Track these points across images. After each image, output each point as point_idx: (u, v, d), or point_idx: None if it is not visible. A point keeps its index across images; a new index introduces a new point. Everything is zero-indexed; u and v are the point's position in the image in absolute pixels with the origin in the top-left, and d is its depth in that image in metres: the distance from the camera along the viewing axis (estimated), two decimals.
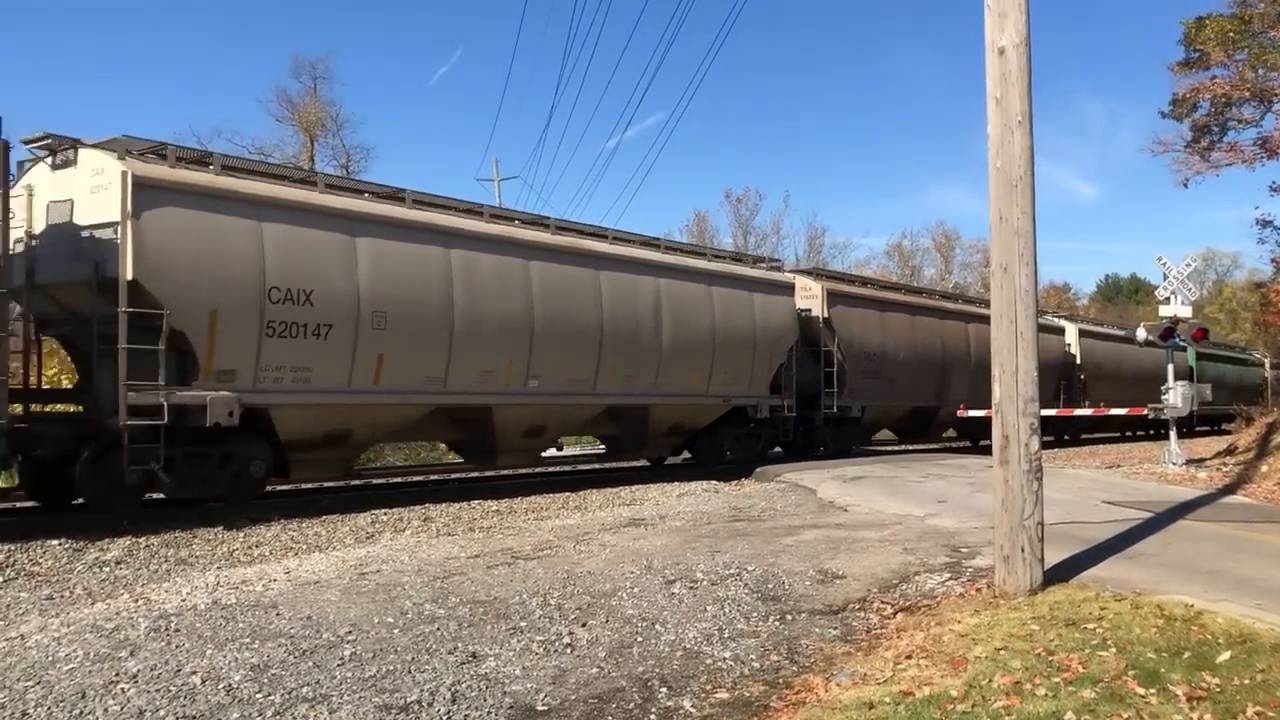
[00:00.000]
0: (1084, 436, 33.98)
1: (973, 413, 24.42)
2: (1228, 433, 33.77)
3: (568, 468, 21.77)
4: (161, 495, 12.69)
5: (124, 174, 11.17)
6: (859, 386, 22.98)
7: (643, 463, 20.78)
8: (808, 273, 24.60)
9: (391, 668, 5.57)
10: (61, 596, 8.07)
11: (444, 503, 13.58)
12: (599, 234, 17.71)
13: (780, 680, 5.48)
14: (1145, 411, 21.27)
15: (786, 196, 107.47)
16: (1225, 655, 5.22)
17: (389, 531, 11.48)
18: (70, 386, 15.28)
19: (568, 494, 14.99)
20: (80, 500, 12.08)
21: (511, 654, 5.87)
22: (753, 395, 20.06)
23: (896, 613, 6.88)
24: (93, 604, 7.62)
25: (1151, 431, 36.75)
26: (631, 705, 5.08)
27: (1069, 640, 5.57)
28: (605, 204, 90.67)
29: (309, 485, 16.10)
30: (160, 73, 75.62)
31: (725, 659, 5.83)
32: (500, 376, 15.09)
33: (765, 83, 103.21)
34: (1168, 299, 19.66)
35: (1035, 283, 6.97)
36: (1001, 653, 5.41)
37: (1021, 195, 6.89)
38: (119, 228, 11.14)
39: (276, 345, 12.33)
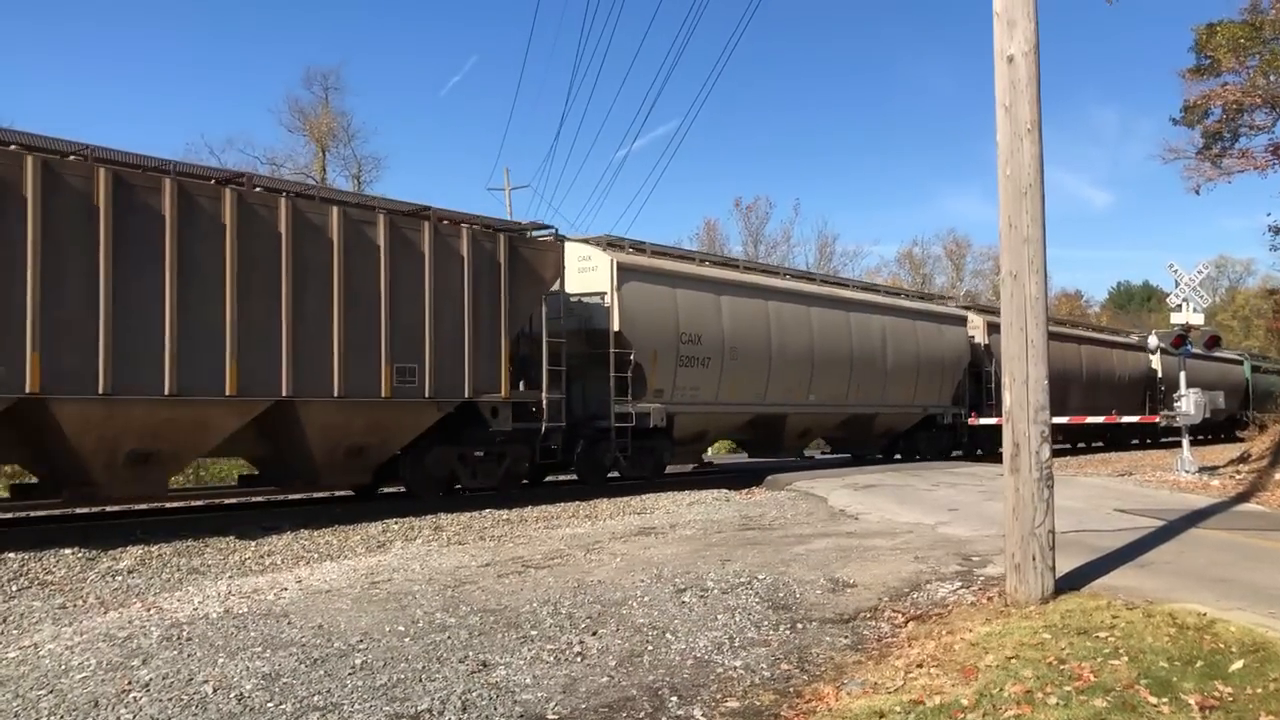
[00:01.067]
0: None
1: (983, 420, 24.39)
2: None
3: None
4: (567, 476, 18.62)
5: (612, 261, 17.42)
6: None
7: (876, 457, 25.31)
8: (971, 308, 29.18)
9: (402, 676, 5.58)
10: (74, 605, 8.10)
11: (455, 511, 13.60)
12: (845, 283, 25.82)
13: (791, 689, 5.47)
14: (1157, 419, 21.22)
15: (797, 204, 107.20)
16: (1238, 664, 5.20)
17: (400, 540, 11.50)
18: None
19: (578, 503, 15.00)
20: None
21: (522, 663, 5.87)
22: (940, 405, 25.73)
23: (907, 621, 6.87)
24: (105, 613, 7.65)
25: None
26: (642, 714, 5.07)
27: (1081, 649, 5.55)
28: (615, 212, 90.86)
29: (321, 495, 16.14)
30: (173, 81, 76.05)
31: (736, 668, 5.83)
32: (794, 393, 21.00)
33: (775, 90, 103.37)
34: (1180, 306, 19.61)
35: (1045, 290, 6.97)
36: (1013, 661, 5.40)
37: (1031, 202, 6.89)
38: (606, 296, 17.25)
39: (683, 372, 18.42)
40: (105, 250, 10.91)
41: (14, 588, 8.72)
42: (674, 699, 5.29)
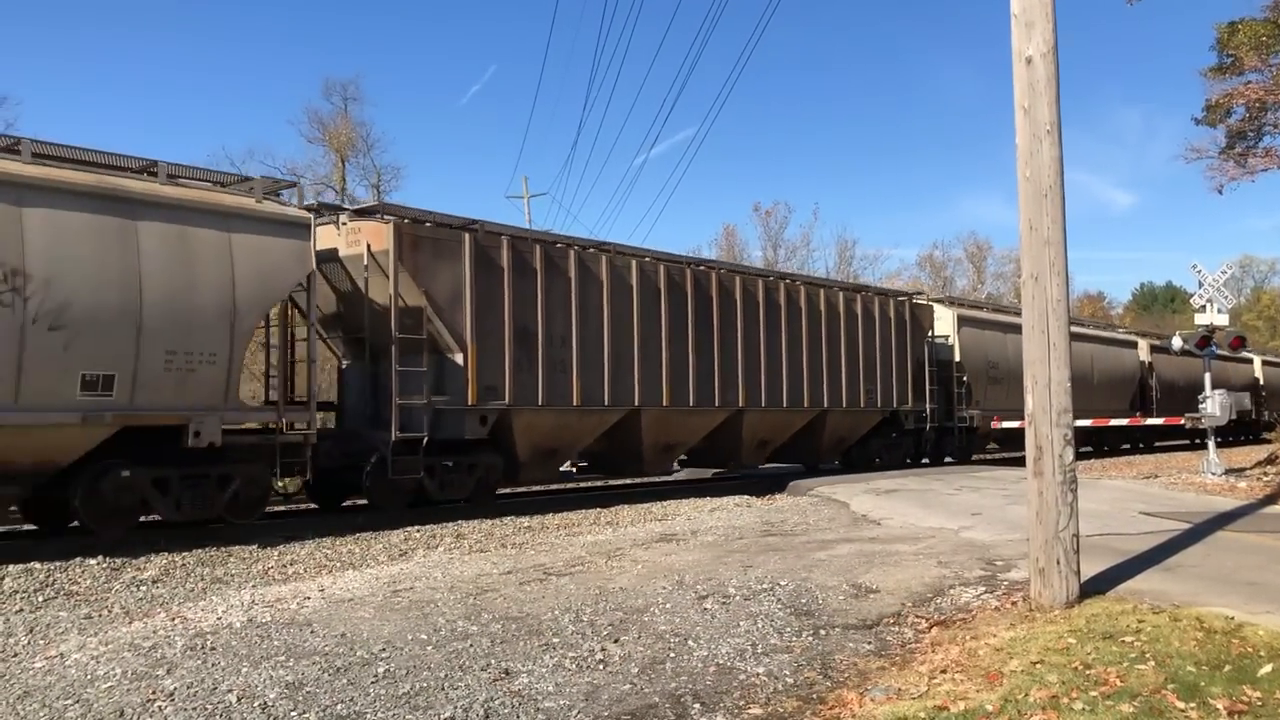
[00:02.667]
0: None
1: (1006, 424, 24.24)
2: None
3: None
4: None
5: (956, 315, 25.18)
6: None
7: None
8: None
9: (425, 685, 5.58)
10: (100, 615, 8.15)
11: (476, 519, 13.62)
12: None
13: (814, 696, 5.44)
14: (1182, 421, 21.04)
15: (816, 209, 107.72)
16: (1267, 668, 5.14)
17: (422, 548, 11.52)
18: None
19: (599, 509, 15.00)
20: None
21: (544, 670, 5.87)
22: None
23: (931, 627, 6.83)
24: (130, 623, 7.69)
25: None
26: None
27: (1106, 654, 5.51)
28: (634, 219, 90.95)
29: (344, 504, 16.22)
30: (194, 92, 76.65)
31: (759, 674, 5.81)
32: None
33: (794, 95, 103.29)
34: (1203, 307, 19.46)
35: (1067, 292, 6.92)
36: (1038, 666, 5.36)
37: (1051, 204, 6.85)
38: (951, 338, 24.67)
39: (991, 390, 25.47)
40: (541, 299, 15.08)
41: (40, 598, 8.78)
42: (697, 706, 5.27)
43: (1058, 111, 6.93)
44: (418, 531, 12.52)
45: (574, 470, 19.02)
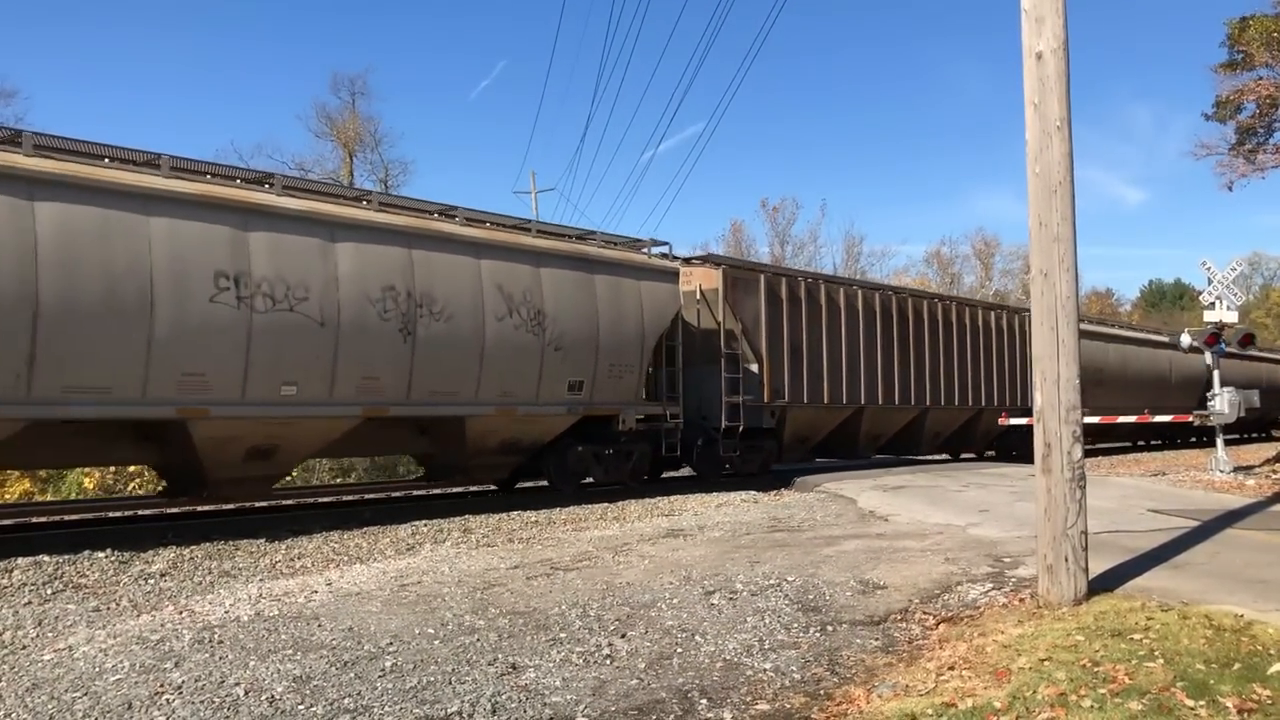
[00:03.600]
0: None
1: (1014, 420, 24.18)
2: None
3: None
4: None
5: None
6: None
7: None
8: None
9: (432, 679, 5.59)
10: (108, 608, 8.16)
11: (483, 514, 13.63)
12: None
13: (821, 692, 5.44)
14: (1191, 419, 20.98)
15: (824, 205, 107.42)
16: (1277, 666, 5.12)
17: (429, 543, 11.53)
18: None
19: (605, 504, 14.99)
20: None
21: (551, 665, 5.87)
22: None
23: (939, 623, 6.82)
24: (138, 616, 7.70)
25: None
26: (671, 717, 5.06)
27: (1115, 651, 5.49)
28: (642, 214, 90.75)
29: (350, 498, 16.26)
30: (202, 86, 76.70)
31: (766, 670, 5.80)
32: None
33: (802, 90, 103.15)
34: (1212, 304, 19.39)
35: (1076, 289, 6.90)
36: (1046, 664, 5.34)
37: (1061, 200, 6.82)
38: None
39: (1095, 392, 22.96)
40: (805, 322, 19.79)
41: (49, 591, 8.80)
42: (704, 701, 5.27)
43: (1068, 107, 6.90)
44: (425, 525, 12.53)
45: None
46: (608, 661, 5.95)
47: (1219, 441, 19.03)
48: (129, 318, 10.71)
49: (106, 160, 11.18)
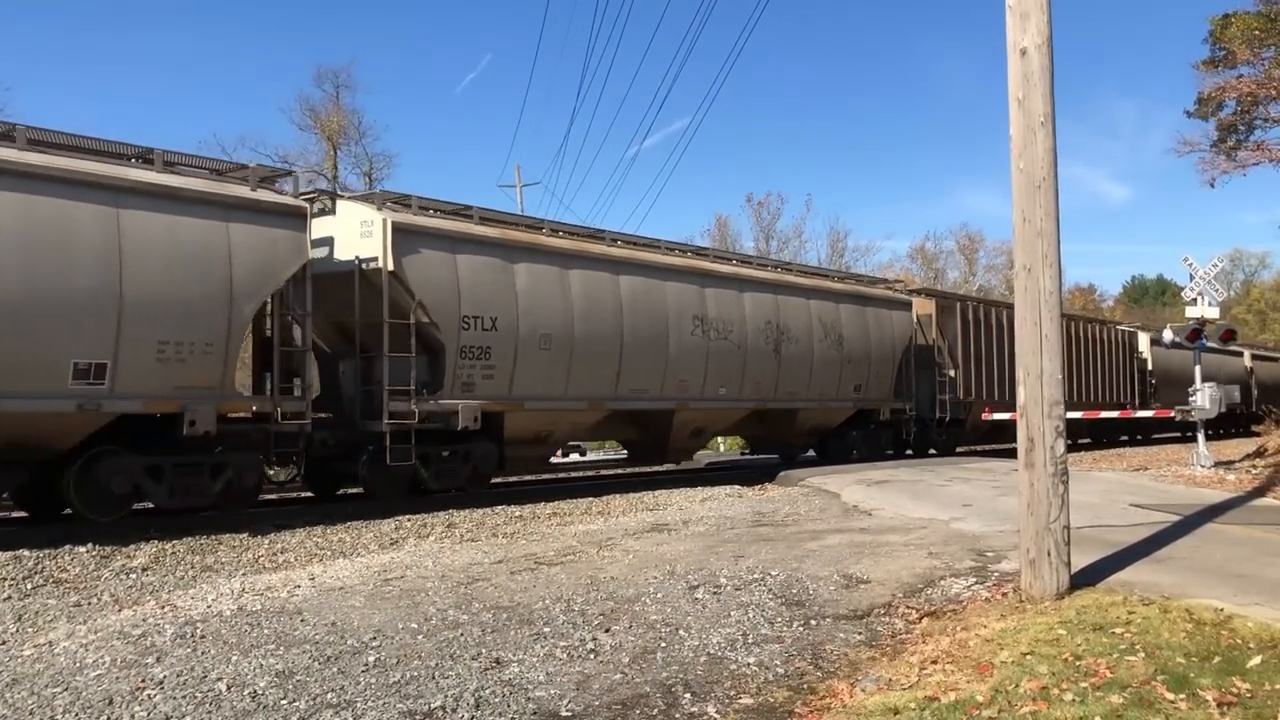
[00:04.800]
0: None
1: (998, 415, 24.30)
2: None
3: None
4: None
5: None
6: None
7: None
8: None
9: (415, 674, 5.57)
10: (89, 603, 8.13)
11: (468, 508, 13.61)
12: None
13: (805, 686, 5.44)
14: (1173, 414, 21.11)
15: (809, 200, 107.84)
16: (1256, 660, 5.16)
17: (413, 537, 11.50)
18: None
19: (590, 499, 14.99)
20: None
21: (535, 660, 5.86)
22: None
23: (922, 617, 6.83)
24: (120, 611, 7.67)
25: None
26: (655, 711, 5.06)
27: (1096, 645, 5.52)
28: (627, 209, 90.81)
29: (345, 491, 16.22)
30: (184, 79, 76.25)
31: (749, 664, 5.81)
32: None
33: (788, 85, 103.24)
34: (1194, 300, 19.49)
35: (1060, 284, 6.93)
36: (1028, 658, 5.37)
37: (1045, 196, 6.84)
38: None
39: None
40: (983, 337, 25.81)
41: (29, 585, 8.75)
42: (687, 696, 5.27)
43: (1052, 104, 6.92)
44: (409, 520, 12.50)
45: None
46: (592, 656, 5.95)
47: (1200, 437, 19.14)
48: (658, 346, 17.39)
49: (609, 241, 17.70)
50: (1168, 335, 20.18)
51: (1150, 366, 35.11)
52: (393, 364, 13.72)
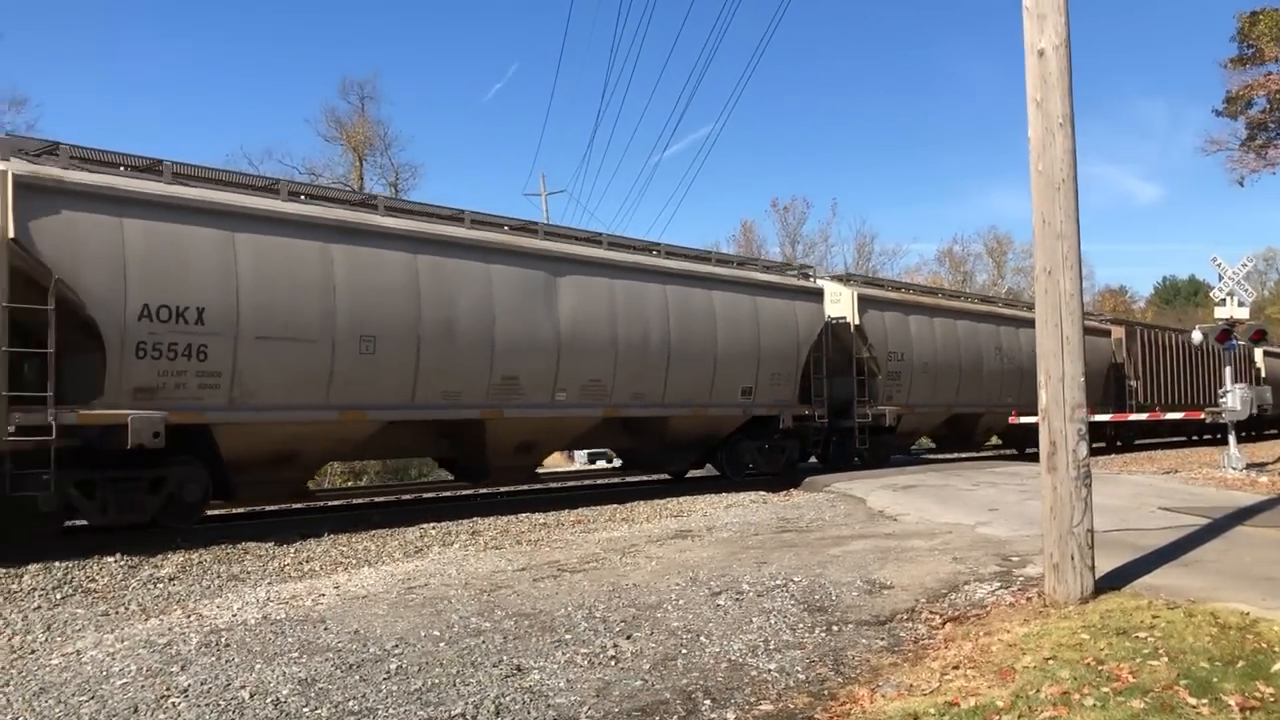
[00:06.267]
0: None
1: (1024, 419, 24.11)
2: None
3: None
4: None
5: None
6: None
7: None
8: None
9: (437, 681, 5.60)
10: (116, 613, 8.21)
11: (492, 516, 13.65)
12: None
13: (825, 692, 5.43)
14: (1203, 416, 20.89)
15: (834, 204, 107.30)
16: None
17: (437, 545, 11.56)
18: None
19: (615, 506, 15.01)
20: None
21: (556, 667, 5.88)
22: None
23: (945, 623, 6.80)
24: (146, 620, 7.75)
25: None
26: (674, 717, 5.06)
27: (1119, 649, 5.47)
28: (651, 215, 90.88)
29: (360, 501, 16.29)
30: (210, 92, 77.01)
31: (770, 671, 5.80)
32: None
33: (812, 89, 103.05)
34: (1224, 300, 19.30)
35: (1080, 286, 6.88)
36: (1050, 662, 5.33)
37: (1064, 198, 6.80)
38: None
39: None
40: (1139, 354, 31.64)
41: (58, 595, 8.86)
42: (707, 702, 5.27)
43: (1070, 105, 6.88)
44: (433, 528, 12.56)
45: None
46: (612, 663, 5.96)
47: (1231, 438, 18.94)
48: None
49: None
50: (1196, 336, 19.97)
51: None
52: None
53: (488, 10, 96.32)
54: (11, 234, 10.38)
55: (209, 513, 13.66)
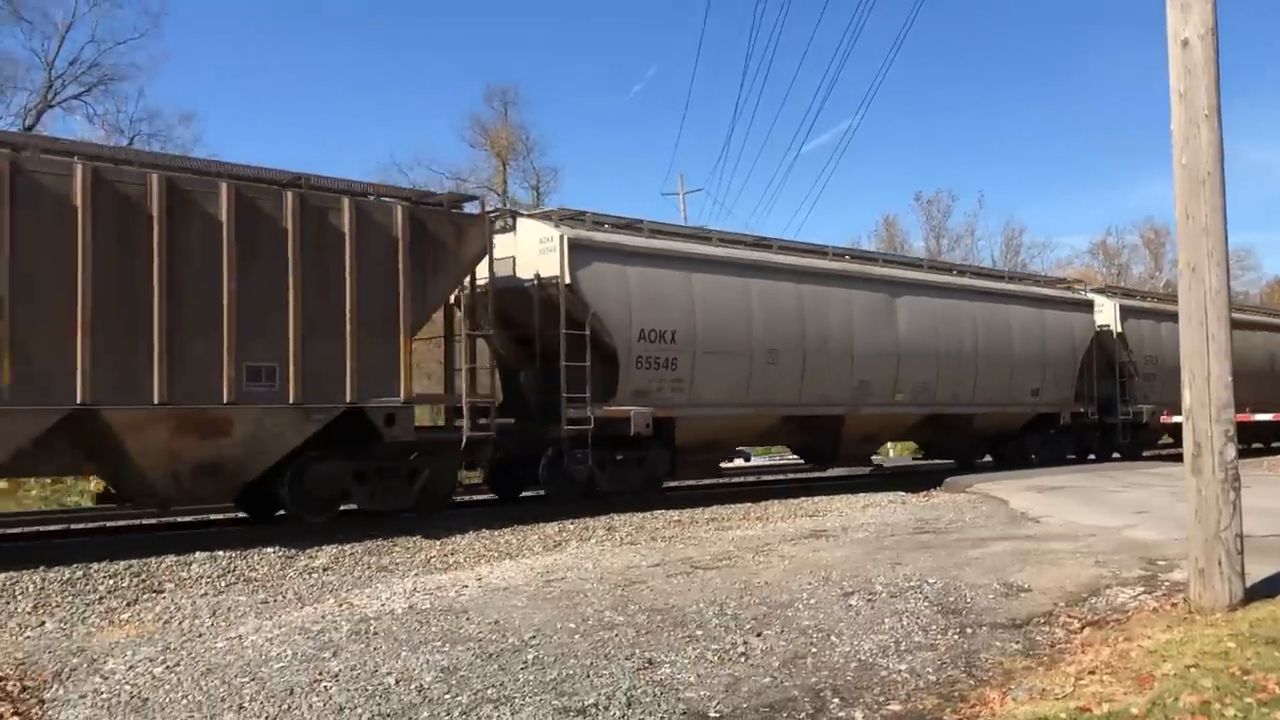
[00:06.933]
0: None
1: (1176, 418, 23.10)
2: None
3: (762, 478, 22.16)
4: None
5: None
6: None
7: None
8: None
9: (571, 672, 5.78)
10: (274, 600, 8.69)
11: (627, 513, 13.87)
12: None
13: (955, 694, 5.41)
14: None
15: (981, 196, 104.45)
16: None
17: (575, 540, 11.82)
18: None
19: (749, 505, 15.05)
20: None
21: (687, 661, 6.00)
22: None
23: (1083, 627, 6.67)
24: (301, 607, 8.18)
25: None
26: (802, 714, 5.12)
27: (1268, 659, 5.29)
28: (789, 210, 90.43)
29: (487, 496, 16.76)
30: (357, 103, 79.78)
31: (900, 671, 5.80)
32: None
33: (956, 81, 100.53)
34: None
35: (1227, 282, 6.64)
36: (1192, 670, 5.19)
37: (1210, 192, 6.58)
38: None
39: None
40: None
41: (223, 583, 9.42)
42: (836, 700, 5.32)
43: (1217, 96, 6.64)
44: (571, 524, 12.84)
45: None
46: (742, 659, 6.04)
47: None
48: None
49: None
50: None
51: None
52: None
53: (627, 13, 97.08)
54: (566, 280, 14.31)
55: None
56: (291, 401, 11.51)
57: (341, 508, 12.77)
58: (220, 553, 10.43)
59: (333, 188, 12.40)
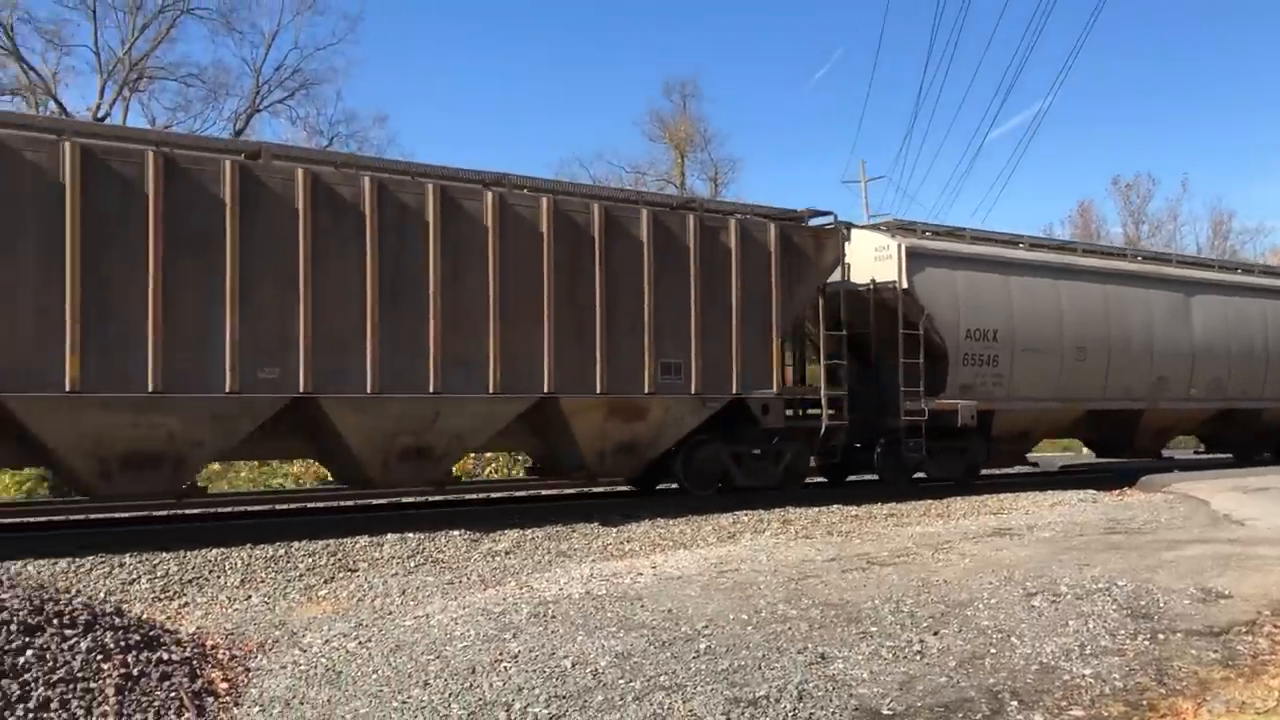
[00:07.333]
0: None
1: None
2: None
3: None
4: None
5: None
6: None
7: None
8: None
9: (743, 663, 5.82)
10: (459, 582, 9.04)
11: (803, 506, 13.78)
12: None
13: (1144, 702, 5.19)
14: None
15: (1185, 180, 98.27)
16: None
17: (749, 532, 11.83)
18: None
19: (930, 501, 14.72)
20: None
21: (860, 657, 5.95)
22: None
23: None
24: (484, 590, 8.48)
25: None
26: (978, 716, 5.03)
27: None
28: (976, 196, 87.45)
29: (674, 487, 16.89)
30: (539, 101, 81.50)
31: (1084, 676, 5.60)
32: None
33: (1155, 59, 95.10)
34: None
35: None
36: None
37: None
38: None
39: None
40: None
41: (412, 564, 9.85)
42: (1014, 703, 5.19)
43: None
44: (745, 515, 12.84)
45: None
46: (917, 658, 5.95)
47: None
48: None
49: None
50: None
51: None
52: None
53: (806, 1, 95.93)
54: (904, 285, 15.58)
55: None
56: (693, 392, 13.51)
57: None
58: (410, 535, 10.90)
59: (720, 209, 14.82)
